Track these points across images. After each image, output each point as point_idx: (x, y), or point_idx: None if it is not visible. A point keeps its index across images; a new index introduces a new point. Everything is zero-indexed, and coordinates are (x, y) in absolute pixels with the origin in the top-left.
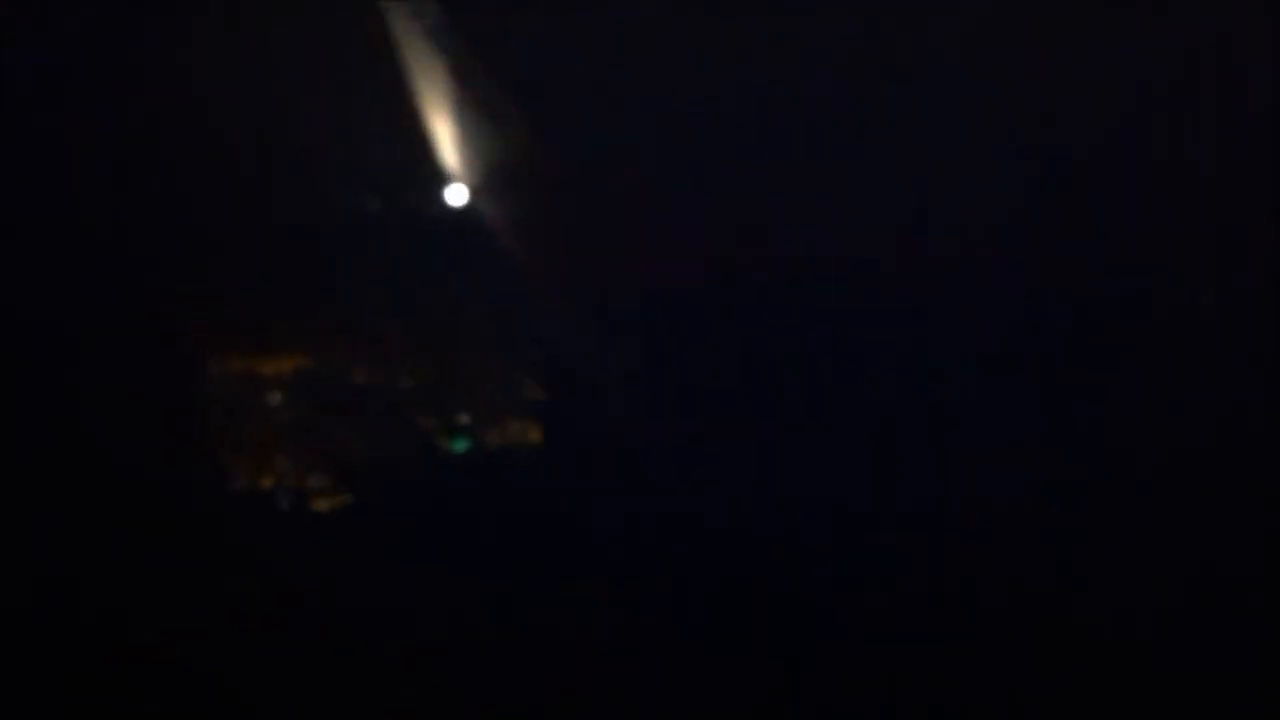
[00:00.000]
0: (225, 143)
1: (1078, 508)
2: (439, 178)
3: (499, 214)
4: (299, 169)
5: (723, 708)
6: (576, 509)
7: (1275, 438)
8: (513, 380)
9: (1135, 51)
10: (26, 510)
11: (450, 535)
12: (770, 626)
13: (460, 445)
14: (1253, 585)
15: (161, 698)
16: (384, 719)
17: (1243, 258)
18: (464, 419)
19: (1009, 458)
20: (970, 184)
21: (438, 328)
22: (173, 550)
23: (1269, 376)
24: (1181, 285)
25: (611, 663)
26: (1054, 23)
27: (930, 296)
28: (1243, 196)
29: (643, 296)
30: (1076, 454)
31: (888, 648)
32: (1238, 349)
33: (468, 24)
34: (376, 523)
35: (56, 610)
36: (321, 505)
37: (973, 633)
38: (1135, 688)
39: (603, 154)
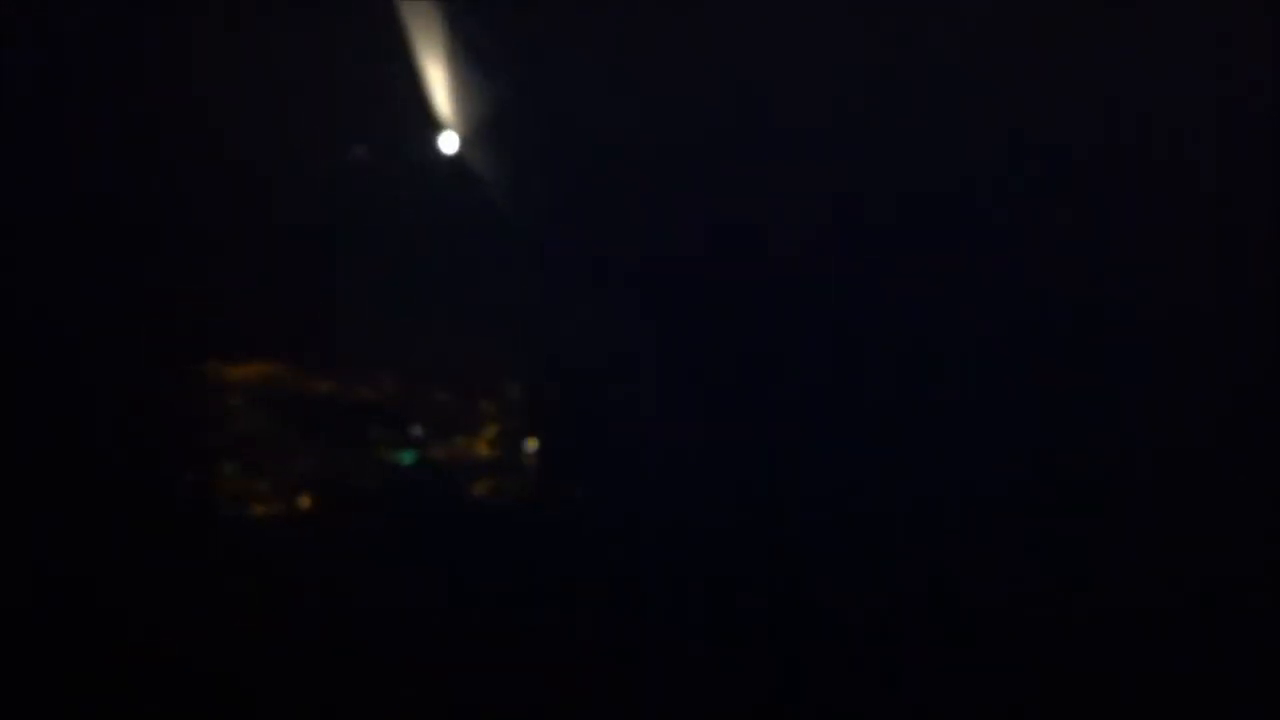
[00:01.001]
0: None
1: (1077, 508)
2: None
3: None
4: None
5: (723, 708)
6: (572, 511)
7: (1275, 437)
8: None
9: (1135, 51)
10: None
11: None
12: (770, 627)
13: (409, 458)
14: (1253, 586)
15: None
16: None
17: (1243, 258)
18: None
19: (1009, 458)
20: (970, 184)
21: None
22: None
23: (1269, 376)
24: (1181, 285)
25: (608, 664)
26: (1054, 23)
27: (929, 297)
28: (1243, 197)
29: (640, 294)
30: (1076, 454)
31: (888, 648)
32: (1238, 349)
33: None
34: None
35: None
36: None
37: (973, 633)
38: (1135, 687)
39: (602, 150)
